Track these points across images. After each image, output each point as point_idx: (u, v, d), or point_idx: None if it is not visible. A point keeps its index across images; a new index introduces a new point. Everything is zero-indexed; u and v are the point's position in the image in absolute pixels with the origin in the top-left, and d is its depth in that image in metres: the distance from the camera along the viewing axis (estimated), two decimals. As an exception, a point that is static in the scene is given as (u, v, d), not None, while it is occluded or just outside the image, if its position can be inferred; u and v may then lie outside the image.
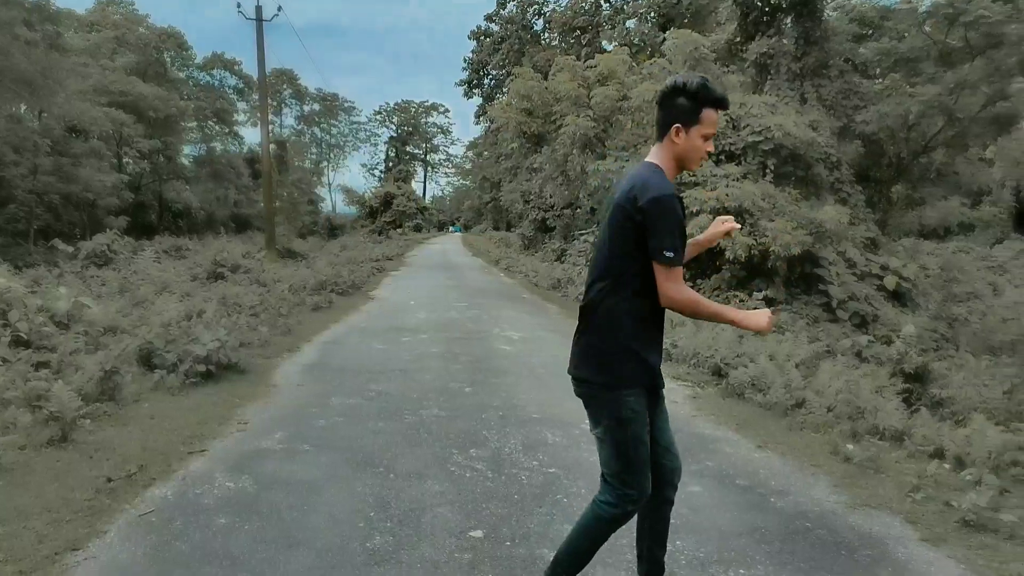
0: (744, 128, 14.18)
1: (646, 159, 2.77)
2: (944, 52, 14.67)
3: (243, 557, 3.32)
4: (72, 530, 3.51)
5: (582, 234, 21.23)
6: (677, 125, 2.65)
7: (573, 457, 5.02)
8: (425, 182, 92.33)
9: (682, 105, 2.64)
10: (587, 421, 5.86)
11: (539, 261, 23.24)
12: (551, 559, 3.34)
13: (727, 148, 14.15)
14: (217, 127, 46.01)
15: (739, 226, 2.85)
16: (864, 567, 3.56)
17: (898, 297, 13.93)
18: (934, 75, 14.69)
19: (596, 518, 2.80)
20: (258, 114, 28.18)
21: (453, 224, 77.13)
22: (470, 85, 47.67)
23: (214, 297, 11.44)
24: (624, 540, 3.48)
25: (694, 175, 13.47)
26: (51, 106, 25.21)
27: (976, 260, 25.84)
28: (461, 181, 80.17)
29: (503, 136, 22.85)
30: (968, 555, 3.73)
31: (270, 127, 66.00)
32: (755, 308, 10.44)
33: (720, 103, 2.66)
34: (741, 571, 3.43)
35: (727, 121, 14.28)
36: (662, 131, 2.71)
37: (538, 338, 10.03)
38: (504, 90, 34.75)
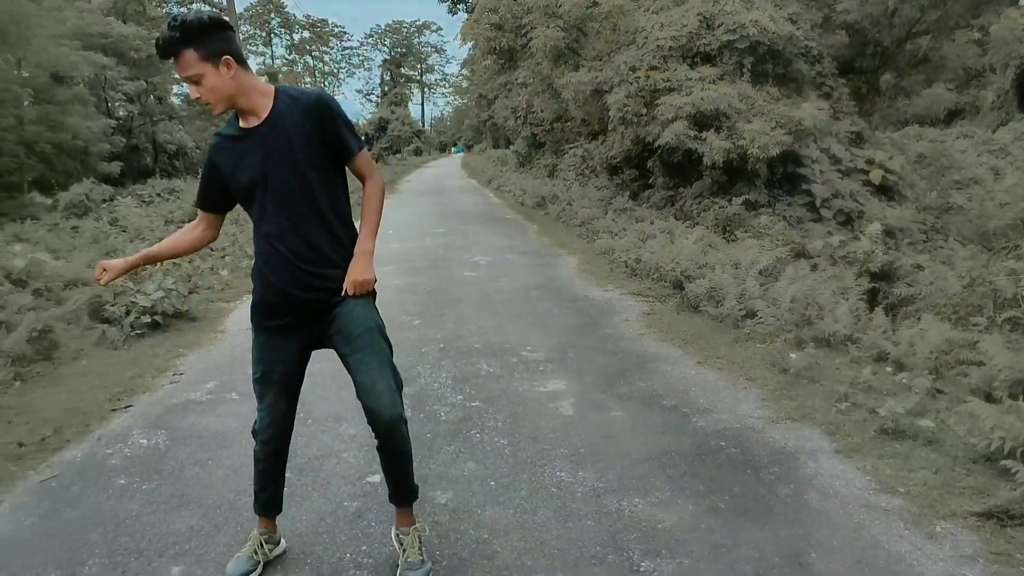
0: (719, 27, 13.64)
1: None
2: (928, -70, 13.99)
3: (129, 521, 3.30)
4: (-33, 502, 3.50)
5: (571, 147, 20.85)
6: None
7: (501, 388, 4.95)
8: (423, 104, 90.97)
9: None
10: (528, 347, 5.82)
11: (532, 178, 22.93)
12: (441, 500, 3.33)
13: (702, 49, 13.65)
14: (204, 63, 45.10)
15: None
16: (766, 485, 3.49)
17: (885, 191, 13.60)
18: (914, -44, 14.04)
19: None
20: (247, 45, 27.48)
21: (455, 145, 76.09)
22: (454, 1, 46.19)
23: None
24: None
25: (668, 81, 13.06)
26: (27, 53, 24.76)
27: (978, 145, 25.21)
28: (459, 100, 78.74)
29: (473, 54, 22.23)
30: (878, 465, 3.66)
31: (261, 59, 64.62)
32: (734, 213, 10.11)
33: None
34: (636, 500, 3.37)
35: (701, 20, 13.76)
36: None
37: (505, 262, 9.90)
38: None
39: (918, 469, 3.58)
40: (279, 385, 2.80)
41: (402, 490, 2.88)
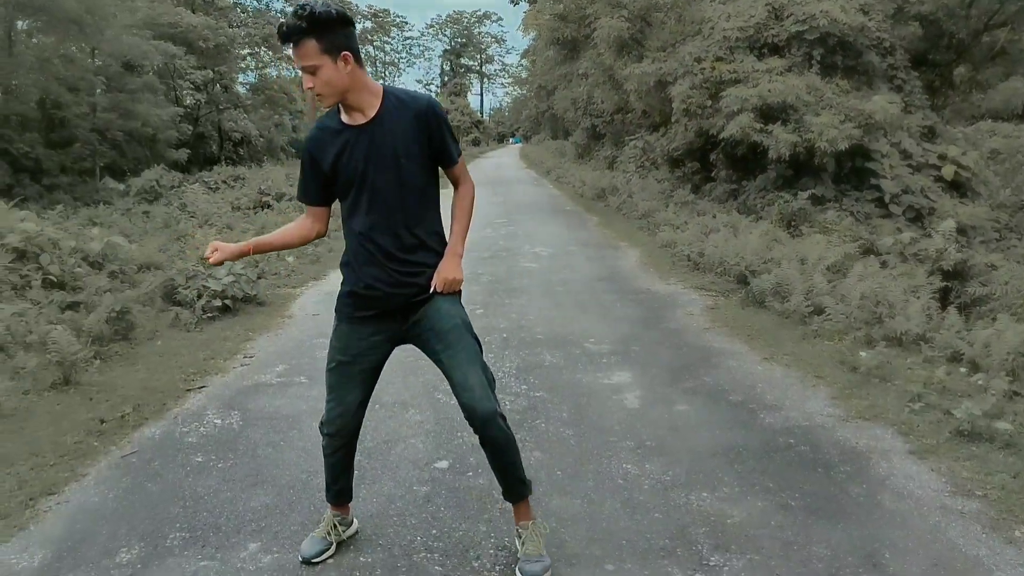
0: (788, 17, 13.38)
1: None
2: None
3: (207, 497, 3.40)
4: (53, 474, 3.64)
5: (632, 139, 20.70)
6: None
7: (566, 379, 4.97)
8: (482, 94, 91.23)
9: None
10: (591, 339, 5.82)
11: (591, 170, 22.83)
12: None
13: (770, 40, 13.41)
14: (269, 54, 45.86)
15: None
16: (837, 484, 3.44)
17: (957, 187, 13.20)
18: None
19: None
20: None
21: (513, 136, 76.04)
22: (516, -9, 46.14)
23: (253, 228, 11.61)
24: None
25: (734, 72, 12.87)
26: (101, 43, 25.50)
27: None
28: (518, 91, 78.74)
29: (534, 45, 22.20)
30: (953, 467, 3.57)
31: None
32: (799, 207, 9.93)
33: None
34: (704, 494, 3.36)
35: (769, 11, 13.51)
36: None
37: (567, 253, 9.90)
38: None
39: (996, 472, 3.49)
40: (357, 377, 2.81)
41: (510, 485, 2.85)
